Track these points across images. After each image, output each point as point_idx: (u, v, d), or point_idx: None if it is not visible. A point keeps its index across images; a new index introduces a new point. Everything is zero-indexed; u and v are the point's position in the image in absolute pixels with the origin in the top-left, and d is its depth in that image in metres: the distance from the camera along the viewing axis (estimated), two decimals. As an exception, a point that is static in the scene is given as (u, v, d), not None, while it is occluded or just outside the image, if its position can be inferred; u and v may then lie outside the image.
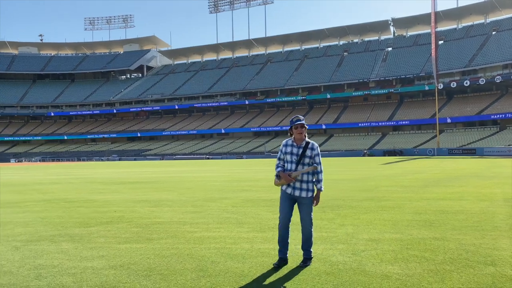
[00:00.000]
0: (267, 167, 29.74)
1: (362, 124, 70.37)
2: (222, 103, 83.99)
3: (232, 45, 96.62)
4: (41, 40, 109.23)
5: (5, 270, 4.33)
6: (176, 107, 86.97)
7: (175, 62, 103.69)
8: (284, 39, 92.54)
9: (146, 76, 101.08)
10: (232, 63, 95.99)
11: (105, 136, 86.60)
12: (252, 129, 77.52)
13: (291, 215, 4.39)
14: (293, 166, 4.32)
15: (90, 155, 78.58)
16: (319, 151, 4.38)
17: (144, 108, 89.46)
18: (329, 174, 20.05)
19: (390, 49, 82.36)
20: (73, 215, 8.13)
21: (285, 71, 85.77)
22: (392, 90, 72.09)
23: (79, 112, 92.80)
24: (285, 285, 3.75)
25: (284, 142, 4.49)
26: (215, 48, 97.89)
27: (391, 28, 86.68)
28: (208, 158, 66.19)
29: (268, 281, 3.87)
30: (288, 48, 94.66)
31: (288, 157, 4.37)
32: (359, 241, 5.37)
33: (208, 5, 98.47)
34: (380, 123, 68.99)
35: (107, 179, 20.13)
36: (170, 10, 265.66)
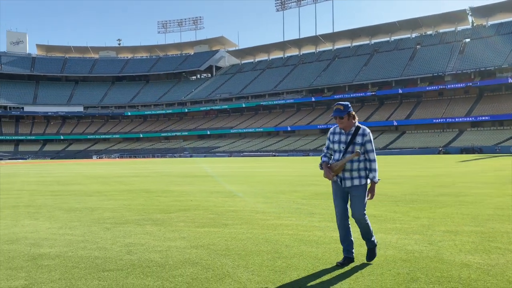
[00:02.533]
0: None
1: (437, 120, 66.75)
2: (288, 101, 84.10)
3: (298, 42, 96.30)
4: (119, 44, 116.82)
5: (100, 246, 4.82)
6: (243, 105, 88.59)
7: (243, 62, 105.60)
8: (352, 33, 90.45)
9: (215, 76, 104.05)
10: (299, 60, 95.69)
11: (177, 134, 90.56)
12: (318, 127, 76.76)
13: (347, 208, 3.96)
14: (341, 155, 3.86)
15: (164, 152, 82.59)
16: (371, 138, 3.86)
17: (213, 107, 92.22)
18: (402, 171, 19.39)
19: (467, 40, 77.23)
20: (153, 203, 8.73)
21: (354, 66, 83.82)
22: (470, 84, 67.52)
23: (153, 112, 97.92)
24: (360, 269, 3.80)
25: (331, 129, 4.04)
26: (282, 46, 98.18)
27: (469, 18, 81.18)
28: (275, 156, 66.69)
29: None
30: (356, 43, 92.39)
31: (336, 146, 3.91)
32: (435, 233, 5.23)
33: (275, 3, 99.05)
34: (456, 119, 65.03)
35: (181, 173, 21.15)
36: (238, 10, 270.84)
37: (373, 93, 76.15)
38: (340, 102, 3.88)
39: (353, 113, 3.89)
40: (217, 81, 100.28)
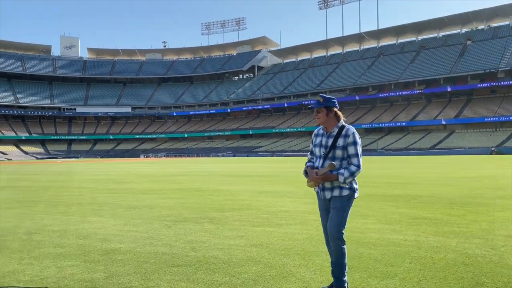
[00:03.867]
0: (380, 164, 28.84)
1: (489, 119, 63.63)
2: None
3: (341, 40, 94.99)
4: (164, 46, 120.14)
5: (165, 243, 5.11)
6: (285, 105, 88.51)
7: (285, 61, 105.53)
8: (398, 30, 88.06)
9: (257, 76, 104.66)
10: (342, 59, 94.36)
11: (220, 133, 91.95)
12: (363, 126, 75.35)
13: None
14: (321, 162, 3.31)
15: (207, 151, 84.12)
16: (355, 139, 3.21)
17: (255, 107, 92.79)
18: (453, 172, 18.76)
19: (523, 34, 73.07)
20: (207, 202, 9.04)
21: (399, 64, 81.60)
22: (526, 80, 63.89)
23: (197, 112, 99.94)
24: (422, 271, 3.82)
25: (315, 130, 3.48)
26: (324, 44, 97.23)
27: (525, 10, 76.72)
28: (318, 155, 66.09)
29: (403, 266, 3.98)
30: (402, 39, 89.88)
31: (317, 150, 3.36)
32: (496, 237, 5.12)
33: (318, 2, 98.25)
34: (511, 118, 61.71)
35: (228, 172, 21.56)
36: (280, 10, 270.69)
37: (420, 91, 73.76)
38: (322, 94, 3.35)
39: (337, 110, 3.32)
40: (259, 81, 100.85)
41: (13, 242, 5.26)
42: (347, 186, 3.23)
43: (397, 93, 75.82)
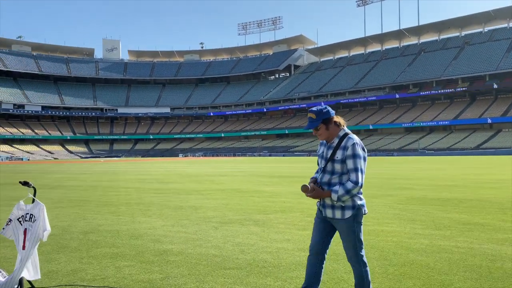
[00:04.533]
0: (423, 165, 28.05)
1: (539, 117, 60.48)
2: (370, 98, 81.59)
3: (380, 37, 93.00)
4: (202, 47, 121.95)
5: (214, 245, 5.23)
6: (322, 104, 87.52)
7: (322, 59, 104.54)
8: (440, 26, 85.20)
9: (294, 75, 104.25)
10: (381, 56, 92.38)
11: (256, 133, 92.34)
12: (403, 125, 73.52)
13: (322, 243, 3.05)
14: (320, 176, 3.01)
15: (244, 151, 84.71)
16: (355, 151, 2.84)
17: (292, 106, 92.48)
18: (502, 174, 17.98)
19: None
20: (249, 203, 9.14)
21: (442, 60, 78.94)
22: None
23: (233, 112, 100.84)
24: (479, 281, 3.72)
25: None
26: (363, 41, 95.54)
27: None
28: (356, 155, 65.00)
29: (458, 274, 3.88)
30: (444, 35, 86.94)
31: (319, 161, 3.10)
32: (557, 246, 4.89)
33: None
34: None
35: (266, 173, 21.65)
36: (317, 8, 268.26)
37: (463, 88, 71.07)
38: (312, 109, 3.00)
39: (335, 118, 2.99)
40: (295, 80, 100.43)
41: (71, 241, 5.55)
42: (349, 204, 2.87)
43: (439, 91, 73.42)
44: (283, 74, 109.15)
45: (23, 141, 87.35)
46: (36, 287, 3.68)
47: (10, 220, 3.68)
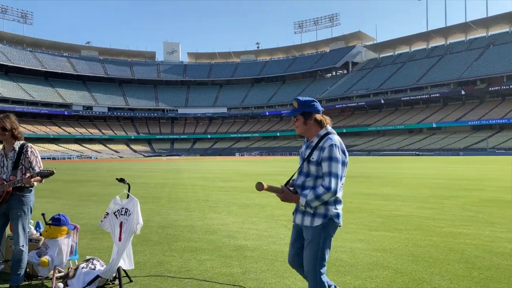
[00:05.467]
0: (494, 165, 26.42)
1: None
2: (433, 95, 77.94)
3: (444, 31, 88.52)
4: (258, 47, 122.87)
5: (287, 243, 5.32)
6: (382, 101, 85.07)
7: (381, 56, 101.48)
8: (511, 16, 79.47)
9: (351, 72, 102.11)
10: (445, 51, 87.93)
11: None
12: (469, 123, 69.50)
13: (298, 255, 2.76)
14: (296, 177, 2.76)
15: (299, 150, 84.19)
16: (332, 154, 2.53)
17: (349, 104, 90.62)
18: None
19: None
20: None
21: (513, 54, 73.64)
22: None
23: (287, 111, 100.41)
24: None
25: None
26: (425, 36, 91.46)
27: None
28: (418, 155, 62.57)
29: (552, 282, 3.69)
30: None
31: (300, 161, 2.77)
32: None
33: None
34: None
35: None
36: (375, 4, 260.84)
37: (538, 83, 65.86)
38: (298, 97, 2.73)
39: (319, 116, 2.70)
40: (353, 77, 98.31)
41: (151, 235, 5.90)
42: (321, 212, 2.57)
43: (511, 86, 68.53)
44: (340, 71, 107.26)
45: (91, 140, 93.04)
46: (130, 276, 3.98)
47: (107, 214, 4.02)
